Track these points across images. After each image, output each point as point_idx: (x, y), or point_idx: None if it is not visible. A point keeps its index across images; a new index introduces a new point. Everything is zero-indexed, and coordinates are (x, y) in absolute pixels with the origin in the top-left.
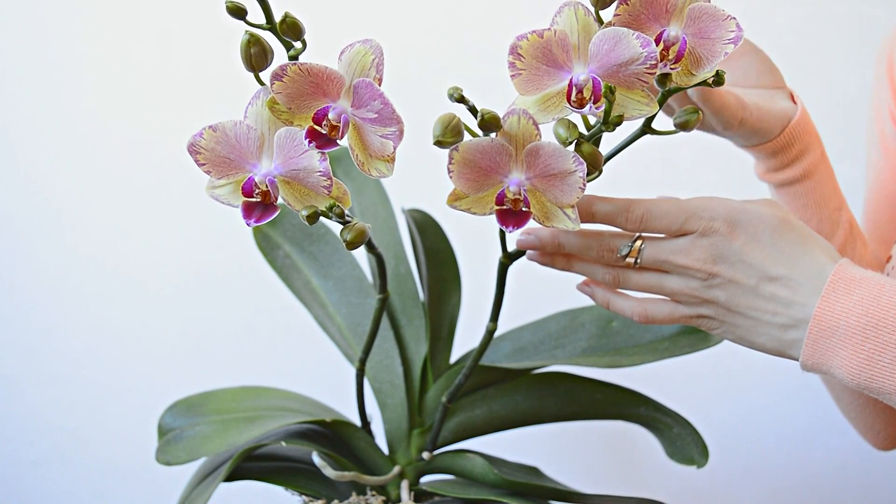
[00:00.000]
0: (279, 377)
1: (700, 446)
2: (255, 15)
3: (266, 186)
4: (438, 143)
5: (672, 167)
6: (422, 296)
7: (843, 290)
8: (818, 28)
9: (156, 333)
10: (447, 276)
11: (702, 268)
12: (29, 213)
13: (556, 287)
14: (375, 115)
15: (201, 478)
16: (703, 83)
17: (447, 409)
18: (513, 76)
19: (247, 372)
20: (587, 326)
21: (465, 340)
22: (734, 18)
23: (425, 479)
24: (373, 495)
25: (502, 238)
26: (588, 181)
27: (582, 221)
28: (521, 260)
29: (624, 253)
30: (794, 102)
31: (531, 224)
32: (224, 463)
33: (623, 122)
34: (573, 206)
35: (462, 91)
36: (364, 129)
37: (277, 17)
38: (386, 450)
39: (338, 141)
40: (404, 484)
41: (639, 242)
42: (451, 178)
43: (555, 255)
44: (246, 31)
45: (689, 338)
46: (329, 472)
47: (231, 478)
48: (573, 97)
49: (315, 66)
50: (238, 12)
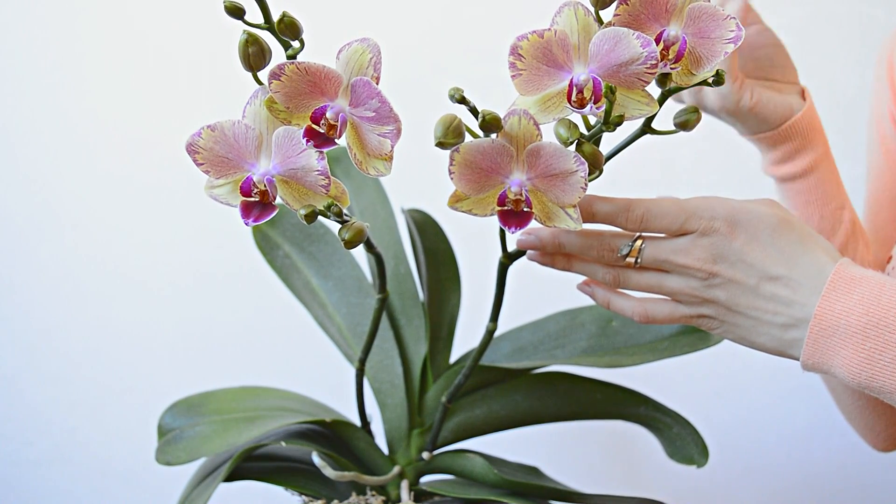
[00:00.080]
0: (279, 377)
1: (700, 446)
2: (254, 14)
3: (264, 186)
4: (440, 145)
5: (672, 167)
6: (421, 296)
7: (844, 289)
8: (818, 28)
9: (156, 333)
10: (447, 276)
11: (702, 267)
12: (29, 213)
13: (556, 287)
14: (373, 114)
15: (201, 478)
16: (704, 83)
17: (447, 409)
18: (513, 76)
19: (247, 372)
20: (587, 326)
21: (465, 340)
22: (734, 18)
23: (425, 479)
24: (373, 495)
25: (502, 238)
26: (589, 181)
27: (582, 221)
28: (521, 260)
29: (624, 252)
30: (803, 100)
31: (532, 224)
32: (224, 463)
33: (623, 122)
34: (574, 206)
35: (463, 92)
36: (362, 127)
37: (275, 17)
38: (386, 450)
39: (336, 140)
40: (404, 484)
41: (639, 242)
42: (452, 179)
43: (555, 255)
44: (244, 31)
45: (688, 338)
46: (329, 472)
47: (231, 478)
48: (574, 97)
49: (313, 66)
50: (236, 12)
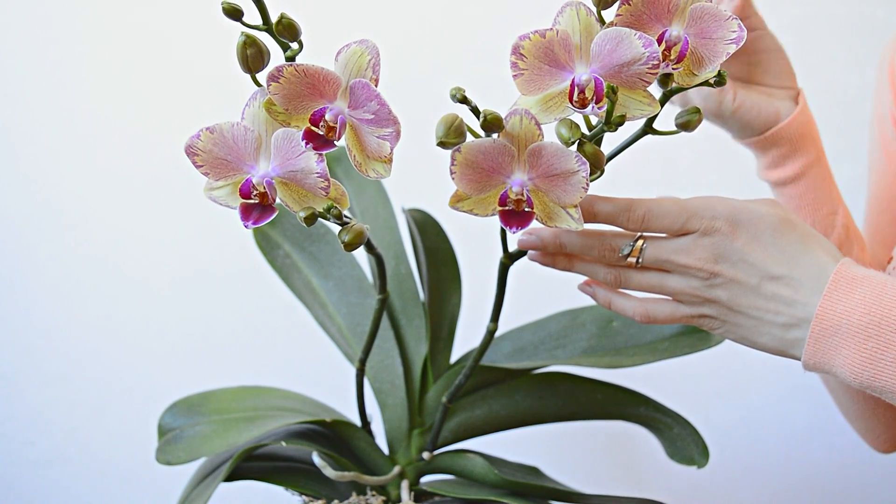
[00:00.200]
0: (279, 377)
1: (700, 446)
2: (252, 16)
3: (264, 188)
4: (441, 145)
5: (673, 167)
6: (422, 296)
7: (845, 288)
8: (818, 28)
9: (156, 333)
10: (447, 275)
11: (703, 267)
12: (29, 213)
13: (557, 287)
14: (372, 116)
15: (201, 478)
16: (705, 83)
17: (447, 409)
18: (515, 76)
19: (247, 372)
20: (587, 326)
21: (466, 340)
22: (736, 19)
23: (425, 479)
24: (373, 495)
25: (503, 238)
26: (590, 181)
27: (584, 221)
28: (522, 260)
29: (625, 252)
30: (797, 105)
31: (532, 224)
32: (224, 463)
33: (625, 122)
34: (576, 207)
35: (464, 91)
36: (361, 129)
37: (274, 18)
38: (386, 450)
39: (335, 142)
40: (404, 484)
41: (640, 242)
42: (453, 179)
43: (556, 255)
44: (242, 33)
45: (689, 338)
46: (329, 472)
47: (231, 478)
48: (575, 97)
49: (311, 67)
50: (234, 13)
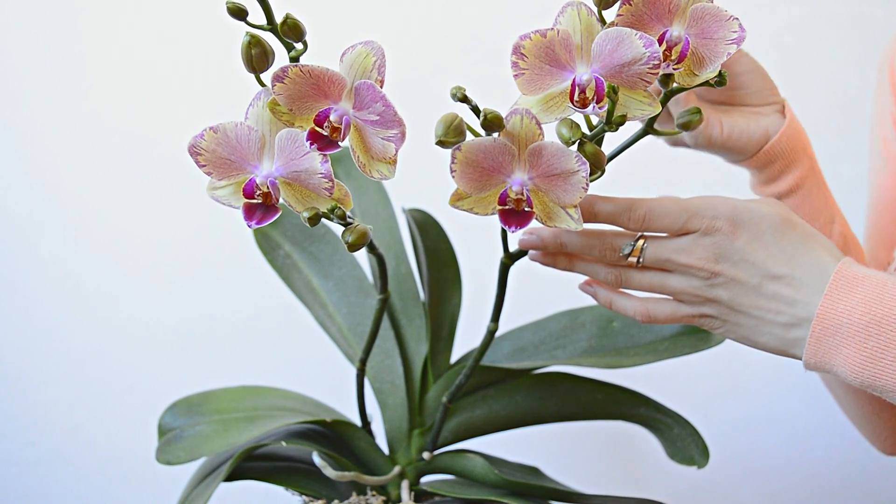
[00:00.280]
0: (279, 377)
1: (700, 446)
2: (257, 16)
3: (267, 188)
4: (441, 143)
5: (673, 167)
6: (422, 296)
7: (846, 288)
8: (818, 28)
9: (156, 333)
10: (448, 275)
11: (704, 266)
12: (29, 212)
13: (557, 287)
14: (377, 118)
15: (201, 478)
16: (706, 83)
17: (448, 409)
18: (516, 76)
19: (247, 372)
20: (588, 326)
21: (466, 340)
22: (737, 19)
23: (425, 479)
24: (373, 495)
25: (504, 238)
26: (591, 181)
27: (584, 221)
28: (522, 260)
29: (626, 252)
30: (784, 116)
31: (533, 224)
32: (224, 463)
33: (626, 122)
34: (576, 206)
35: (465, 91)
36: (366, 131)
37: (279, 19)
38: (386, 450)
39: (339, 143)
40: (404, 484)
41: (641, 242)
42: (453, 178)
43: (557, 254)
44: (247, 33)
45: (689, 338)
46: (329, 472)
47: (231, 478)
48: (576, 97)
49: (316, 68)
50: (239, 13)
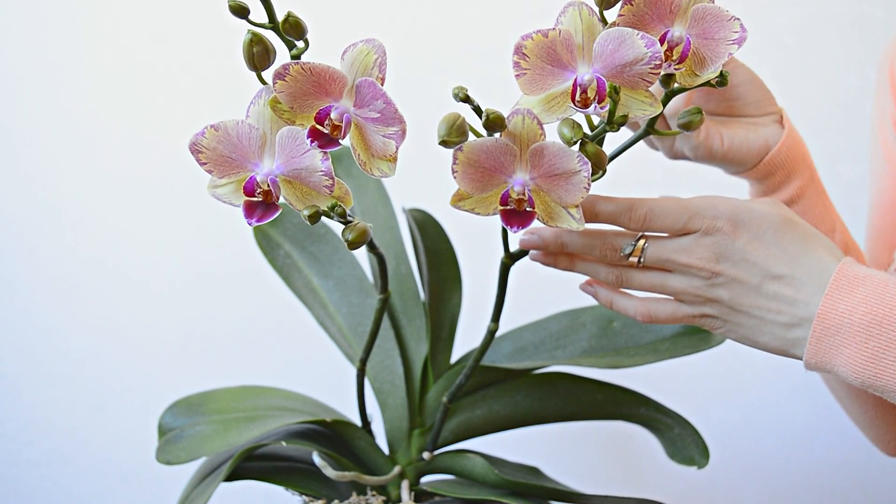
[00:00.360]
0: (279, 377)
1: (700, 447)
2: (258, 14)
3: (268, 186)
4: (443, 143)
5: (674, 166)
6: (423, 296)
7: (847, 287)
8: (818, 28)
9: (156, 333)
10: (448, 275)
11: (705, 266)
12: (29, 212)
13: (557, 287)
14: (378, 115)
15: (201, 478)
16: (707, 83)
17: (448, 409)
18: (517, 76)
19: (247, 372)
20: (588, 327)
21: (466, 340)
22: (738, 19)
23: (425, 479)
24: (373, 495)
25: (504, 238)
26: (592, 181)
27: (585, 221)
28: (523, 260)
29: (627, 252)
30: (782, 126)
31: (534, 224)
32: (224, 463)
33: (627, 122)
34: (577, 206)
35: (467, 91)
36: (366, 128)
37: (280, 17)
38: (386, 450)
39: (340, 141)
40: (404, 484)
41: (642, 241)
42: (455, 178)
43: (558, 254)
44: (248, 31)
45: (690, 338)
46: (329, 472)
47: (231, 478)
48: (577, 97)
49: (317, 66)
50: (240, 11)
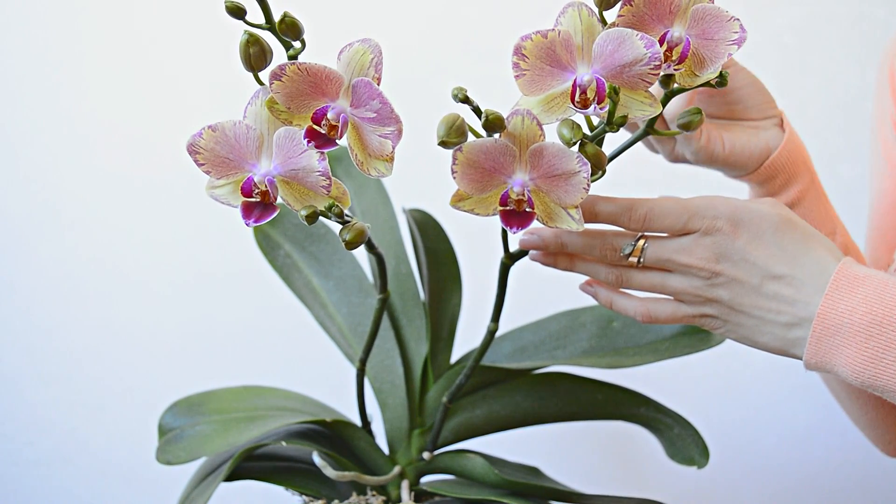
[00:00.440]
0: (279, 377)
1: (700, 447)
2: (255, 15)
3: (265, 186)
4: (443, 144)
5: (674, 167)
6: (422, 296)
7: (847, 287)
8: (818, 28)
9: (156, 333)
10: (448, 276)
11: (705, 266)
12: (29, 213)
13: (557, 287)
14: (374, 115)
15: (201, 478)
16: (707, 84)
17: (448, 409)
18: (517, 76)
19: (247, 372)
20: (588, 327)
21: (466, 340)
22: (738, 20)
23: (425, 479)
24: (373, 495)
25: (504, 238)
26: (592, 181)
27: (585, 221)
28: (523, 260)
29: (627, 252)
30: (783, 129)
31: (534, 224)
32: (224, 463)
33: (626, 123)
34: (577, 207)
35: (466, 91)
36: (363, 128)
37: (276, 17)
38: (386, 450)
39: (337, 140)
40: (404, 484)
41: (642, 242)
42: (454, 178)
43: (558, 255)
44: (245, 31)
45: (689, 338)
46: (329, 472)
47: (231, 478)
48: (577, 98)
49: (314, 66)
50: (237, 12)
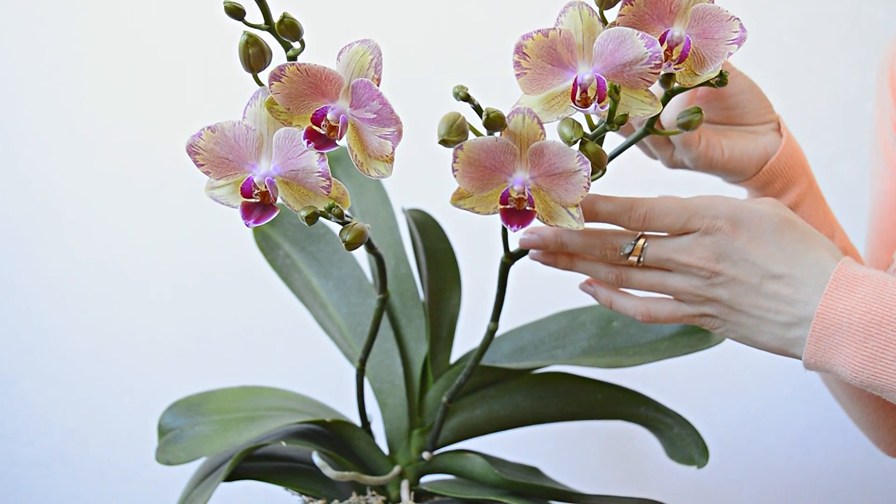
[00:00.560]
0: (279, 377)
1: (700, 446)
2: (254, 15)
3: (265, 187)
4: (443, 142)
5: None
6: (422, 296)
7: (846, 287)
8: (818, 28)
9: (156, 333)
10: (447, 276)
11: (704, 266)
12: (29, 213)
13: (557, 287)
14: (374, 116)
15: (201, 478)
16: (707, 83)
17: (447, 409)
18: (518, 75)
19: (247, 372)
20: (588, 326)
21: (466, 340)
22: (738, 19)
23: (425, 479)
24: (373, 495)
25: (504, 238)
26: (592, 180)
27: (585, 220)
28: (523, 259)
29: (627, 251)
30: (780, 134)
31: (534, 223)
32: (224, 463)
33: (627, 122)
34: (577, 206)
35: (467, 90)
36: (363, 129)
37: (276, 18)
38: (386, 450)
39: (336, 141)
40: (404, 484)
41: (642, 241)
42: (455, 177)
43: (558, 254)
44: (244, 32)
45: (689, 338)
46: (329, 472)
47: (231, 478)
48: (578, 97)
49: (313, 67)
50: (236, 13)
